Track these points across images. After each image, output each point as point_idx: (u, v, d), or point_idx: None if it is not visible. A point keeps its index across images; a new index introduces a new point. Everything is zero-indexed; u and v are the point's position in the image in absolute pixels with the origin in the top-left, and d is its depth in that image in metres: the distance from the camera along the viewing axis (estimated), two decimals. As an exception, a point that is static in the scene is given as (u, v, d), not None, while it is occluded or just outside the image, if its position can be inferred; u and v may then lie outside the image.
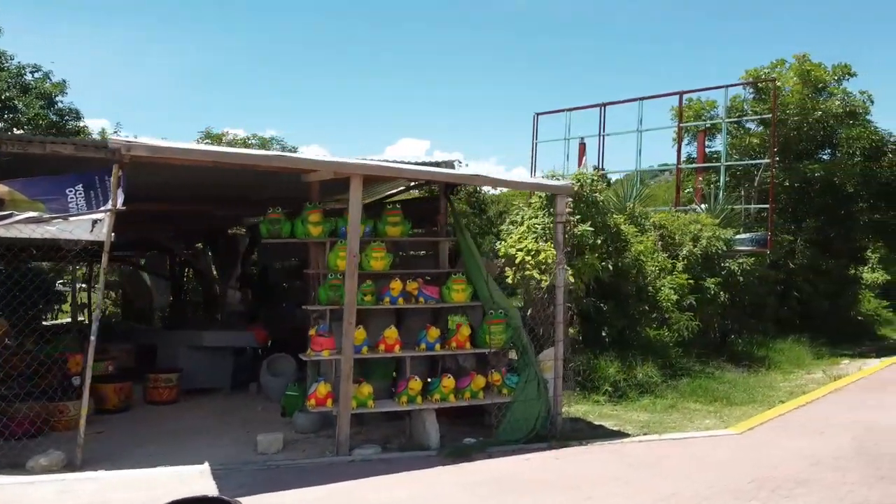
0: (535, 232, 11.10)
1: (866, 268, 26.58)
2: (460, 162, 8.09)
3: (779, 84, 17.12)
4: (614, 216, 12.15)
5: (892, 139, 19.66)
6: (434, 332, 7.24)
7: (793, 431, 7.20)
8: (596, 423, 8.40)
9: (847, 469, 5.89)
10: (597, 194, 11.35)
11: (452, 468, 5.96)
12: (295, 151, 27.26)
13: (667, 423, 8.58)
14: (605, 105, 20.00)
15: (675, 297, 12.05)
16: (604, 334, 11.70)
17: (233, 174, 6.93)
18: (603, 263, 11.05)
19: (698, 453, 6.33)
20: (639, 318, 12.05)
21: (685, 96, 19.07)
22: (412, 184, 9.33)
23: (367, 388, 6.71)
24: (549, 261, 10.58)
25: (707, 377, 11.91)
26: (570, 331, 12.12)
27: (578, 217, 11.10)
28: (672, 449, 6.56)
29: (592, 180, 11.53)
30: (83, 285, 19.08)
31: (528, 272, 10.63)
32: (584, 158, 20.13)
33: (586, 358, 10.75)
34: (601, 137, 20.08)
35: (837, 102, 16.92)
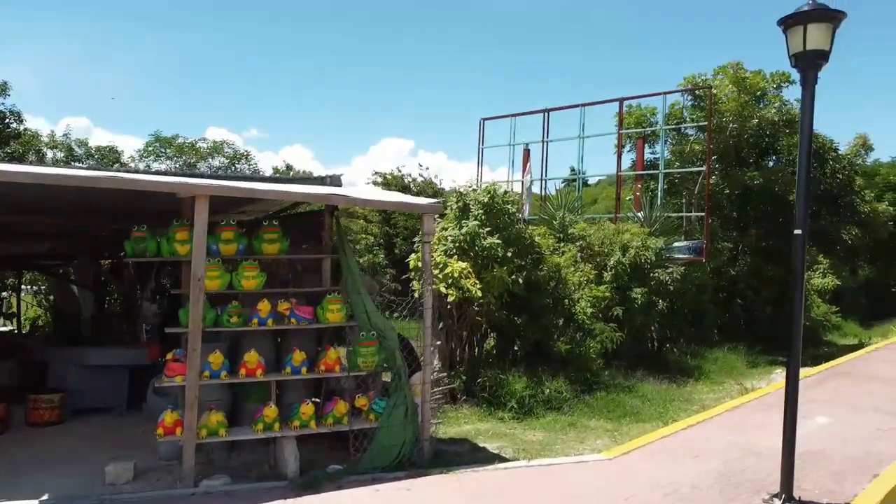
0: (444, 244, 10.93)
1: (817, 273, 26.68)
2: (337, 180, 7.83)
3: (715, 92, 17.06)
4: (530, 228, 12.00)
5: (832, 146, 19.72)
6: (299, 356, 7.01)
7: (666, 456, 7.04)
8: (483, 444, 8.21)
9: (698, 500, 5.74)
10: (508, 206, 11.17)
11: (294, 500, 5.74)
12: (277, 152, 26.93)
13: (556, 444, 8.41)
14: (548, 111, 19.89)
15: (590, 310, 11.88)
16: (516, 348, 11.52)
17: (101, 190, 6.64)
18: (513, 276, 10.88)
19: (554, 483, 6.15)
20: (555, 331, 11.89)
21: (628, 102, 19.04)
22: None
23: (216, 416, 6.46)
24: (456, 275, 10.44)
25: (625, 391, 11.76)
26: (487, 344, 11.99)
27: (488, 229, 10.93)
28: (531, 477, 6.37)
29: (505, 192, 11.36)
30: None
31: (434, 286, 10.45)
32: (529, 164, 20.02)
33: (494, 373, 10.57)
34: (545, 144, 19.98)
35: (774, 110, 16.89)
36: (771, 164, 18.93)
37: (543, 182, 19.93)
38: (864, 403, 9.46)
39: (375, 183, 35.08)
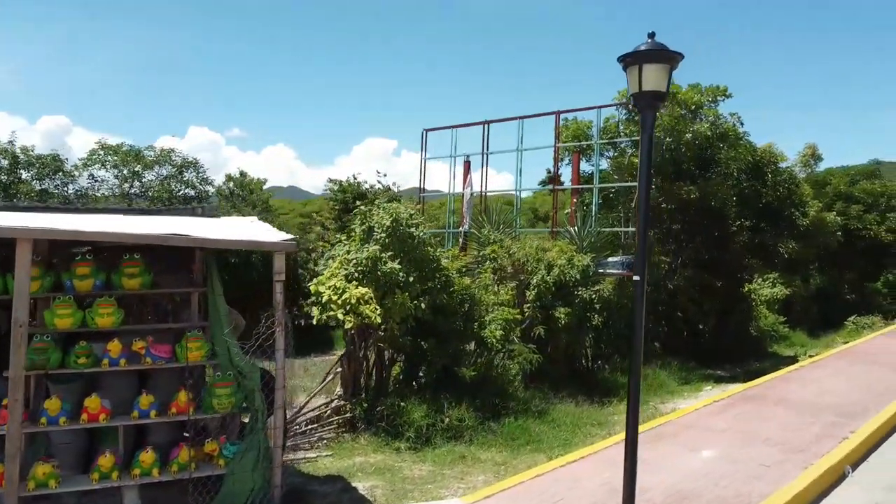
0: (346, 268, 10.69)
1: (767, 283, 26.79)
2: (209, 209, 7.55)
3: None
4: (438, 250, 11.79)
5: (773, 159, 19.71)
6: (146, 399, 6.72)
7: (529, 500, 6.85)
8: (357, 483, 7.98)
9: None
10: (412, 229, 10.94)
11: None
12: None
13: (437, 480, 8.20)
14: (488, 123, 19.77)
15: (499, 333, 11.66)
16: (421, 374, 11.30)
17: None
18: (417, 301, 10.65)
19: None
20: (463, 355, 11.69)
21: (567, 115, 18.91)
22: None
23: (44, 468, 6.16)
24: (353, 301, 10.20)
25: (536, 416, 11.54)
26: (395, 370, 11.75)
27: (390, 253, 10.70)
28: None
29: (410, 214, 11.12)
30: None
31: (331, 312, 10.21)
32: (469, 177, 19.84)
33: (394, 401, 10.34)
34: (484, 156, 19.83)
35: (707, 125, 16.81)
36: (712, 176, 18.82)
37: (483, 194, 19.78)
38: (760, 433, 9.33)
39: (332, 191, 34.79)
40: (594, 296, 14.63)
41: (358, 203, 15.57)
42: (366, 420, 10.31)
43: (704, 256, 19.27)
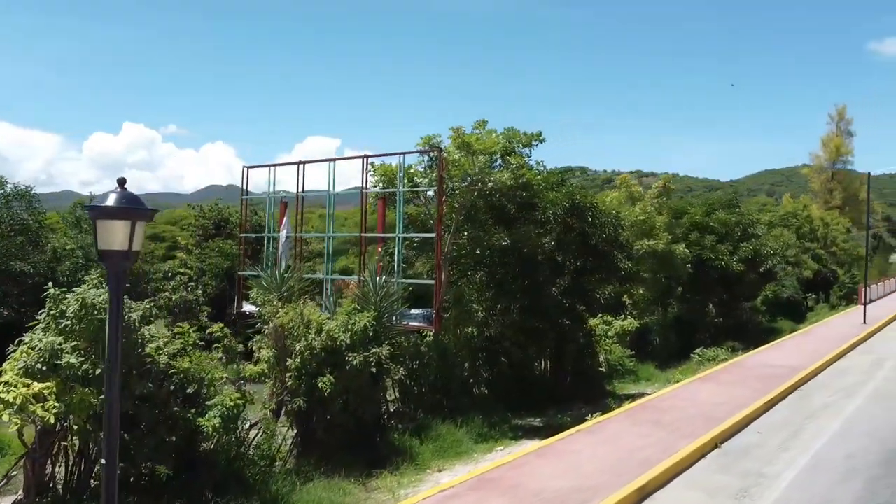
0: (26, 360, 9.70)
1: (618, 316, 26.78)
2: None
3: (446, 155, 16.40)
4: (149, 333, 10.88)
5: (592, 202, 19.53)
6: None
7: None
8: None
9: None
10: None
11: None
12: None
13: None
14: (303, 163, 19.00)
15: (217, 422, 10.81)
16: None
17: None
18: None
19: None
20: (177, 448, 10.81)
21: (376, 160, 18.25)
22: None
23: None
24: (19, 401, 9.24)
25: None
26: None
27: (74, 343, 9.76)
28: None
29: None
30: None
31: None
32: (285, 218, 19.02)
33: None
34: (299, 198, 19.06)
35: (508, 174, 16.39)
36: (525, 223, 18.47)
37: (296, 236, 19.00)
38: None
39: (192, 217, 33.53)
40: (361, 363, 13.73)
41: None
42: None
43: (525, 302, 18.91)
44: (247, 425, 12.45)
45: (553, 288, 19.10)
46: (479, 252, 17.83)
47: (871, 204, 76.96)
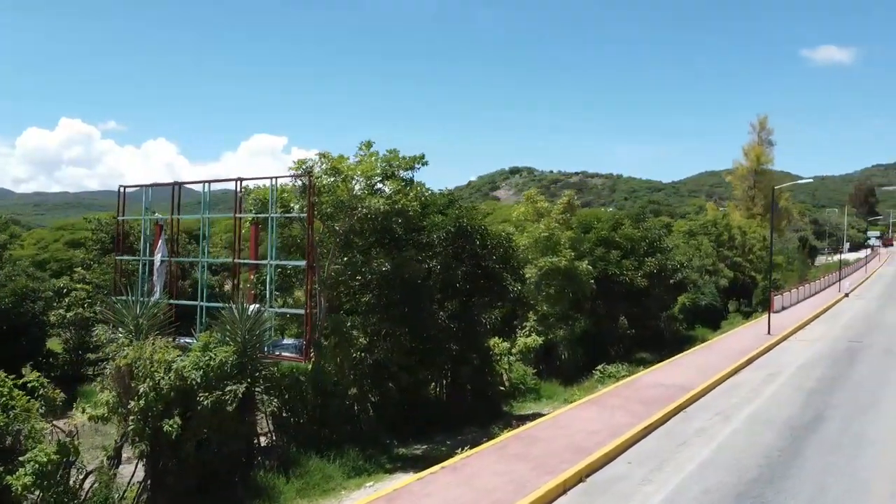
0: None
1: (523, 331, 26.65)
2: None
3: (316, 180, 15.86)
4: None
5: (480, 225, 19.26)
6: None
7: None
8: None
9: None
10: None
11: None
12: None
13: None
14: (179, 184, 18.22)
15: (29, 479, 10.05)
16: None
17: None
18: None
19: None
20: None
21: (249, 183, 17.60)
22: None
23: None
24: None
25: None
26: None
27: None
28: None
29: None
30: None
31: None
32: (160, 241, 18.17)
33: None
34: (173, 220, 18.26)
35: (382, 199, 15.92)
36: (408, 248, 18.07)
37: (170, 261, 18.20)
38: None
39: (90, 230, 32.21)
40: (212, 403, 13.06)
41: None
42: None
43: (410, 326, 18.51)
44: (83, 475, 11.74)
45: (441, 312, 18.73)
46: (359, 277, 17.33)
47: (791, 208, 79.58)
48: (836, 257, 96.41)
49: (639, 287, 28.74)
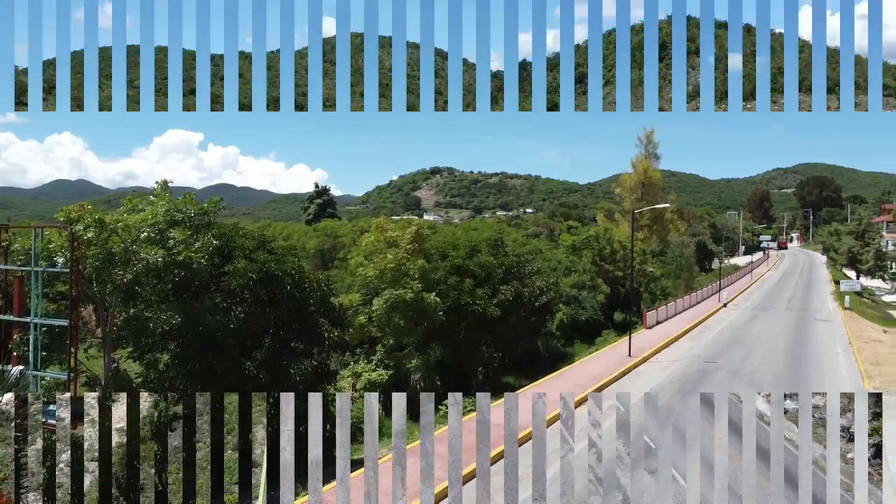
0: None
1: (370, 365, 25.82)
2: None
3: (79, 232, 14.53)
4: None
5: (291, 267, 18.28)
6: None
7: None
8: None
9: None
10: None
11: None
12: None
13: None
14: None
15: None
16: None
17: None
18: None
19: None
20: None
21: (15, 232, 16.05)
22: None
23: None
24: None
25: None
26: None
27: None
28: None
29: None
30: None
31: None
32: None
33: None
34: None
35: (162, 252, 14.73)
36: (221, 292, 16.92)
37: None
38: None
39: None
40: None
41: None
42: None
43: (211, 380, 17.32)
44: None
45: (248, 361, 17.62)
46: (147, 332, 16.06)
47: (677, 221, 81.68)
48: (729, 261, 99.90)
49: (491, 317, 28.24)
